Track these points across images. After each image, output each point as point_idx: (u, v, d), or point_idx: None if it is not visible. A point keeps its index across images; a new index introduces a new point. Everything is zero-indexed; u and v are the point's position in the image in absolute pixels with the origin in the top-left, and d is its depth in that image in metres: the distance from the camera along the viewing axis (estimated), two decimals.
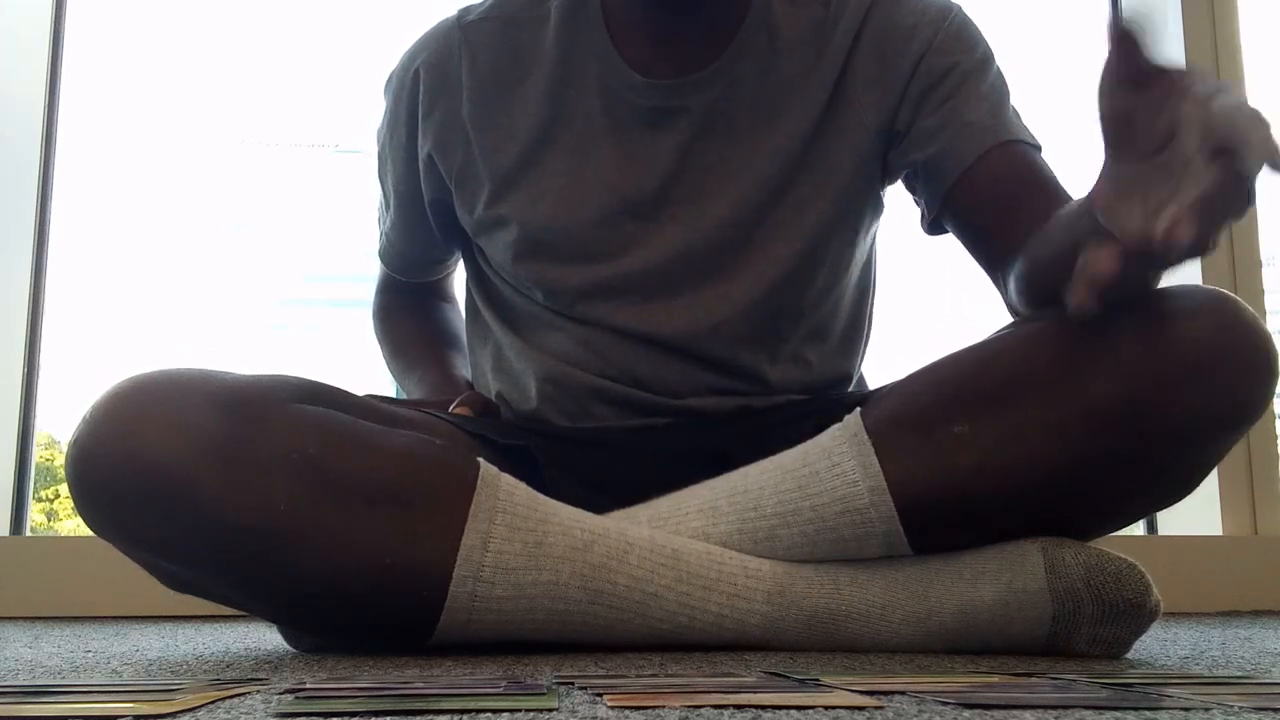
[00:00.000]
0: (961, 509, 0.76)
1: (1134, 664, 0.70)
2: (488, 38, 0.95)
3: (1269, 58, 1.89)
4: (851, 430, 0.78)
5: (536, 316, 0.96)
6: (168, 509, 0.69)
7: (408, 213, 1.04)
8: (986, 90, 0.91)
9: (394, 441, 0.75)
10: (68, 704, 0.46)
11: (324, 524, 0.71)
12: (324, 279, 6.84)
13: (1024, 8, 2.26)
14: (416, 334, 1.13)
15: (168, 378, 0.73)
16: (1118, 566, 0.74)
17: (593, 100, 0.93)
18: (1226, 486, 1.61)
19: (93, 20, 1.76)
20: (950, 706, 0.45)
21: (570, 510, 0.77)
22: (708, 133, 0.92)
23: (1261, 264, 1.67)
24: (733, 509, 0.80)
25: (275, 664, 0.70)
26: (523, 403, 0.96)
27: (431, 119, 0.96)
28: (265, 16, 5.98)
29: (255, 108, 5.70)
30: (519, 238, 0.93)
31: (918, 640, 0.77)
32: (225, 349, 5.33)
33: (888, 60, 0.92)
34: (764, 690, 0.50)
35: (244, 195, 6.14)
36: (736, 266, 0.92)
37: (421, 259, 1.10)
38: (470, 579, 0.72)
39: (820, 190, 0.92)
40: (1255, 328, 0.74)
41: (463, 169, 0.96)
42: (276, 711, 0.43)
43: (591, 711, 0.43)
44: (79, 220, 2.02)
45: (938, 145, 0.90)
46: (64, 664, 0.71)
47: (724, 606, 0.77)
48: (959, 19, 0.94)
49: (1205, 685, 0.54)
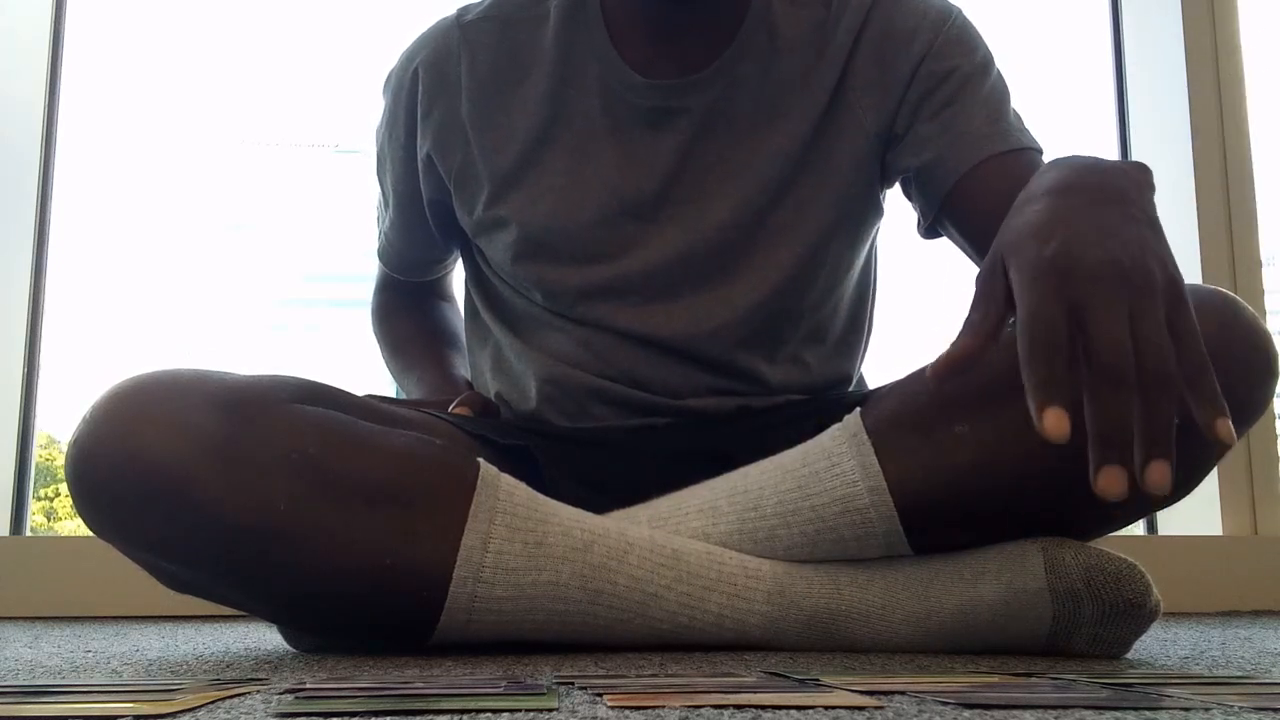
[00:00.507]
0: (961, 509, 0.76)
1: (1134, 664, 0.70)
2: (487, 37, 0.95)
3: (1269, 58, 1.89)
4: (851, 430, 0.78)
5: (536, 317, 0.96)
6: (168, 509, 0.69)
7: (406, 213, 1.04)
8: (985, 95, 0.91)
9: (394, 441, 0.75)
10: (68, 704, 0.46)
11: (324, 524, 0.71)
12: (324, 279, 6.83)
13: (1024, 9, 2.26)
14: (415, 333, 1.13)
15: (168, 378, 0.73)
16: (1118, 566, 0.74)
17: (592, 100, 0.93)
18: (1226, 486, 1.61)
19: (93, 20, 1.76)
20: (950, 706, 0.45)
21: (570, 510, 0.77)
22: (708, 133, 0.92)
23: (1261, 264, 1.67)
24: (733, 509, 0.80)
25: (275, 664, 0.70)
26: (522, 403, 0.96)
27: (430, 119, 0.96)
28: (265, 16, 5.99)
29: (255, 108, 5.72)
30: (518, 239, 0.93)
31: (918, 640, 0.77)
32: (225, 349, 5.34)
33: (887, 63, 0.92)
34: (764, 690, 0.50)
35: (244, 195, 6.14)
36: (737, 269, 0.92)
37: (420, 259, 1.10)
38: (470, 579, 0.72)
39: (820, 192, 0.92)
40: (1255, 328, 0.74)
41: (462, 169, 0.96)
42: (276, 711, 0.43)
43: (591, 711, 0.43)
44: (79, 220, 2.02)
45: (933, 152, 0.90)
46: (64, 664, 0.71)
47: (724, 606, 0.77)
48: (959, 22, 0.93)
49: (1205, 685, 0.54)
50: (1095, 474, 0.55)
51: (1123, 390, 0.55)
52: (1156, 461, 0.55)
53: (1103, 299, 0.57)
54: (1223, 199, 1.67)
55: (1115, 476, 0.55)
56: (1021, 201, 0.68)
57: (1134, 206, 0.64)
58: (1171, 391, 0.56)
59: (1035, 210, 0.64)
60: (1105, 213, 0.63)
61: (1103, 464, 0.55)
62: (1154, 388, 0.55)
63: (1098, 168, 0.69)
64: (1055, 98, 1.97)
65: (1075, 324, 0.57)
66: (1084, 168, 0.69)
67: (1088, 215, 0.62)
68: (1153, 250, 0.61)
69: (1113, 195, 0.65)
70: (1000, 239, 0.65)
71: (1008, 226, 0.65)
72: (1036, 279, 0.59)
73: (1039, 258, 0.60)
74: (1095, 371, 0.56)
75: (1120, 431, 0.55)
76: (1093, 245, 0.59)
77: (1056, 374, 0.56)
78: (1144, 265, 0.59)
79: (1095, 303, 0.57)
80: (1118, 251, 0.59)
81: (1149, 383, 0.55)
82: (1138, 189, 0.67)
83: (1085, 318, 0.57)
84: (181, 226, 5.18)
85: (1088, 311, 0.57)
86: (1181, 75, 1.71)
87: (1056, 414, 0.55)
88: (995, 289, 0.62)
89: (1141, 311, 0.57)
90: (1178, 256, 0.63)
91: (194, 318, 5.13)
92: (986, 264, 0.64)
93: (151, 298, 4.82)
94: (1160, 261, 0.60)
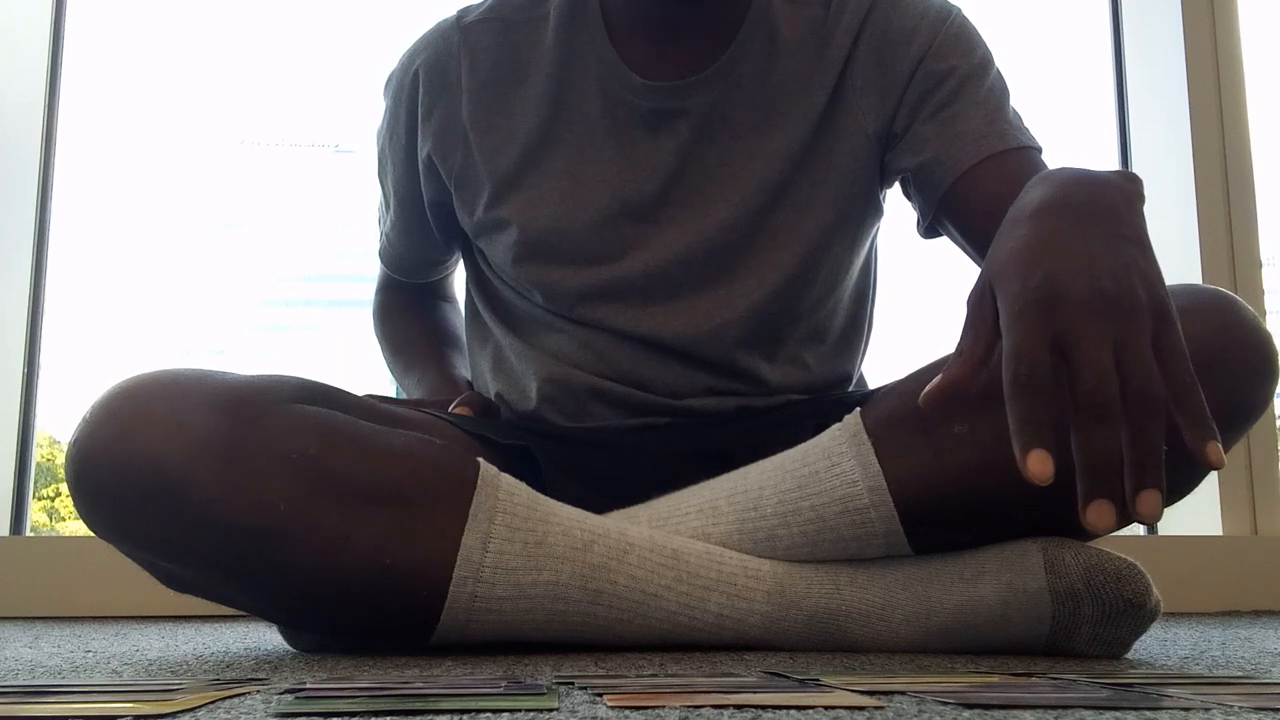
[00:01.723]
0: (961, 509, 0.76)
1: (1134, 664, 0.70)
2: (487, 38, 0.95)
3: (1269, 58, 1.89)
4: (851, 430, 0.78)
5: (536, 318, 0.96)
6: (168, 509, 0.69)
7: (407, 214, 1.04)
8: (984, 95, 0.91)
9: (394, 441, 0.75)
10: (68, 704, 0.46)
11: (324, 524, 0.71)
12: (324, 279, 6.83)
13: (1024, 9, 2.26)
14: (416, 334, 1.13)
15: (168, 378, 0.73)
16: (1118, 566, 0.74)
17: (592, 102, 0.93)
18: (1226, 486, 1.61)
19: (93, 20, 1.76)
20: (950, 706, 0.45)
21: (570, 510, 0.77)
22: (708, 135, 0.92)
23: (1261, 264, 1.66)
24: (732, 509, 0.80)
25: (275, 664, 0.70)
26: (522, 403, 0.96)
27: (431, 120, 0.96)
28: (265, 16, 6.00)
29: (255, 108, 5.73)
30: (519, 240, 0.93)
31: (918, 640, 0.77)
32: (224, 349, 5.35)
33: (886, 64, 0.92)
34: (764, 690, 0.50)
35: (244, 196, 6.14)
36: (736, 270, 0.92)
37: (421, 260, 1.10)
38: (470, 579, 0.72)
39: (820, 193, 0.92)
40: (1255, 328, 0.74)
41: (462, 171, 0.96)
42: (276, 711, 0.43)
43: (591, 711, 0.43)
44: (79, 220, 2.03)
45: (932, 152, 0.90)
46: (64, 664, 0.71)
47: (724, 606, 0.77)
48: (958, 22, 0.93)
49: (1205, 685, 0.54)
50: (1083, 508, 0.55)
51: (1107, 422, 0.55)
52: (1146, 491, 0.55)
53: (1087, 330, 0.57)
54: (1223, 199, 1.66)
55: (1103, 510, 0.55)
56: (1009, 222, 0.68)
57: (1122, 224, 0.64)
58: (1158, 417, 0.56)
59: (1021, 236, 0.64)
60: (1091, 235, 0.63)
61: (1090, 498, 0.55)
62: (1140, 415, 0.56)
63: (1086, 181, 0.69)
64: (1055, 98, 1.98)
65: (1060, 355, 0.58)
66: (1072, 182, 0.69)
67: (1073, 239, 0.62)
68: (1140, 271, 0.61)
69: (1100, 213, 0.65)
70: (988, 264, 0.65)
71: (995, 249, 0.66)
72: (1021, 313, 0.59)
73: (1024, 289, 0.60)
74: (1079, 404, 0.56)
75: (1106, 463, 0.55)
76: (1078, 274, 0.59)
77: (1038, 416, 0.56)
78: (1130, 290, 0.59)
79: (1079, 334, 0.57)
80: (1103, 279, 0.59)
81: (1135, 410, 0.56)
82: (1126, 202, 0.67)
83: (1070, 349, 0.57)
84: (180, 227, 5.19)
85: (1072, 342, 0.57)
86: (1181, 75, 1.71)
87: (1040, 457, 0.55)
88: (984, 315, 0.63)
89: (1127, 338, 0.57)
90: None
91: (194, 318, 5.13)
92: (975, 289, 0.65)
93: (152, 298, 4.83)
94: (1147, 282, 0.60)
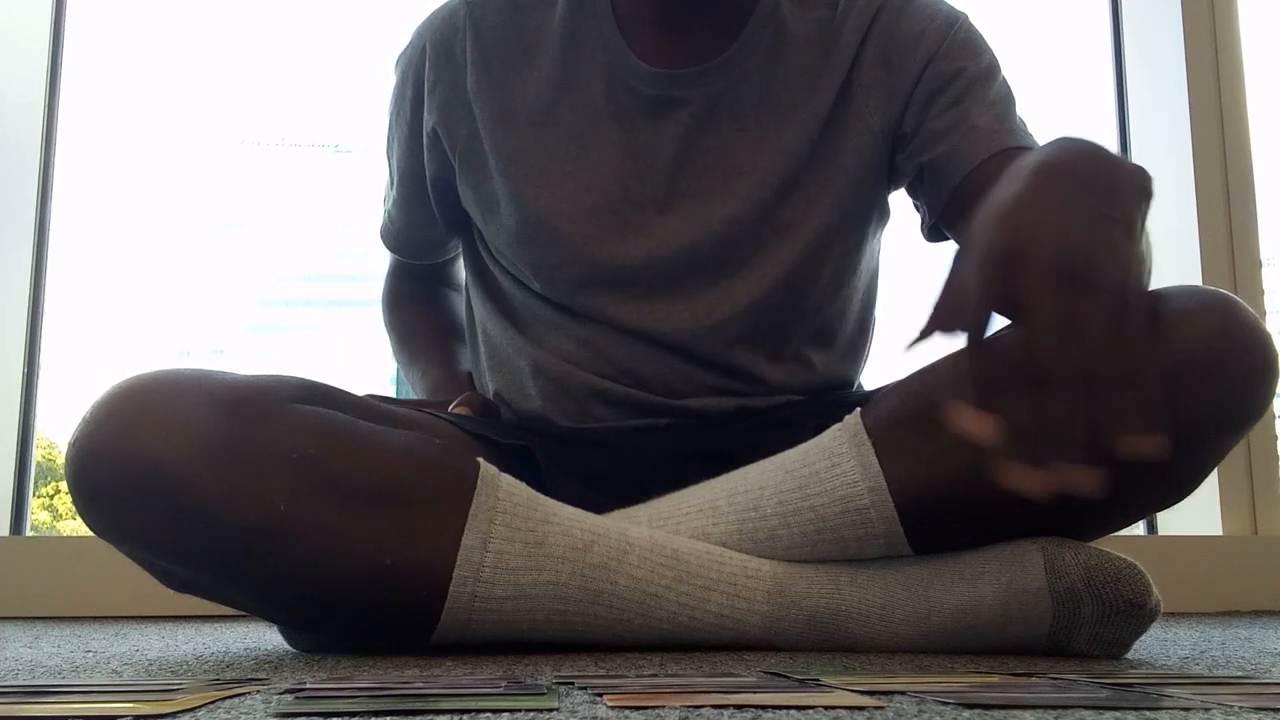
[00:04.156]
0: (961, 509, 0.76)
1: (1134, 664, 0.70)
2: (494, 15, 0.96)
3: (1269, 58, 1.89)
4: (851, 430, 0.78)
5: (536, 312, 0.96)
6: (168, 509, 0.69)
7: (409, 190, 1.04)
8: (993, 97, 0.91)
9: (394, 441, 0.75)
10: (68, 704, 0.46)
11: (324, 524, 0.71)
12: (324, 279, 6.83)
13: (1024, 9, 2.26)
14: (422, 324, 1.13)
15: (168, 378, 0.73)
16: (1118, 566, 0.74)
17: (596, 86, 0.93)
18: (1226, 486, 1.61)
19: (93, 20, 1.77)
20: (950, 706, 0.45)
21: (570, 510, 0.77)
22: (710, 125, 0.92)
23: (1261, 264, 1.66)
24: (733, 509, 0.80)
25: (275, 664, 0.70)
26: (522, 401, 0.96)
27: (436, 93, 0.97)
28: (265, 17, 6.00)
29: (255, 108, 5.73)
30: (519, 221, 0.93)
31: (918, 640, 0.77)
32: (224, 349, 5.35)
33: (894, 65, 0.92)
34: (764, 690, 0.50)
35: (244, 196, 6.14)
36: (739, 265, 0.92)
37: (418, 240, 1.10)
38: (470, 579, 0.72)
39: (826, 190, 0.92)
40: (1255, 328, 0.73)
41: (466, 145, 0.96)
42: (276, 711, 0.43)
43: (591, 711, 0.43)
44: (79, 220, 2.03)
45: (945, 145, 0.90)
46: (64, 664, 0.71)
47: (724, 606, 0.77)
48: (966, 27, 0.94)
49: (1205, 685, 0.54)
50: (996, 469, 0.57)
51: (1034, 388, 0.56)
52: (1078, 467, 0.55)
53: (1040, 299, 0.57)
54: (1223, 199, 1.66)
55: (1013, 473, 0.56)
56: (1010, 174, 0.68)
57: (1116, 206, 0.64)
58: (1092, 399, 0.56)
59: (1013, 191, 0.64)
60: (1079, 208, 0.62)
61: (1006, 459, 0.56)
62: (1070, 392, 0.56)
63: (1095, 157, 0.68)
64: (1055, 98, 1.98)
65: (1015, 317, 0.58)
66: (1083, 154, 0.68)
67: (1060, 207, 0.62)
68: (1116, 253, 0.60)
69: (1099, 188, 0.64)
70: (980, 211, 0.66)
71: (990, 197, 0.66)
72: (983, 264, 0.60)
73: (994, 242, 0.61)
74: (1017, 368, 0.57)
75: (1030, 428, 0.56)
76: (1049, 244, 0.59)
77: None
78: (1097, 268, 0.58)
79: (1032, 300, 0.58)
80: (1074, 251, 0.59)
81: (1066, 386, 0.56)
82: (1130, 186, 0.66)
83: (1022, 313, 0.58)
84: (181, 227, 5.19)
85: (1026, 308, 0.58)
86: (1181, 75, 1.71)
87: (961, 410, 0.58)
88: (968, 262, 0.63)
89: (1080, 315, 0.57)
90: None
91: (193, 318, 5.13)
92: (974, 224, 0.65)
93: (152, 298, 4.82)
94: (1119, 265, 0.60)
